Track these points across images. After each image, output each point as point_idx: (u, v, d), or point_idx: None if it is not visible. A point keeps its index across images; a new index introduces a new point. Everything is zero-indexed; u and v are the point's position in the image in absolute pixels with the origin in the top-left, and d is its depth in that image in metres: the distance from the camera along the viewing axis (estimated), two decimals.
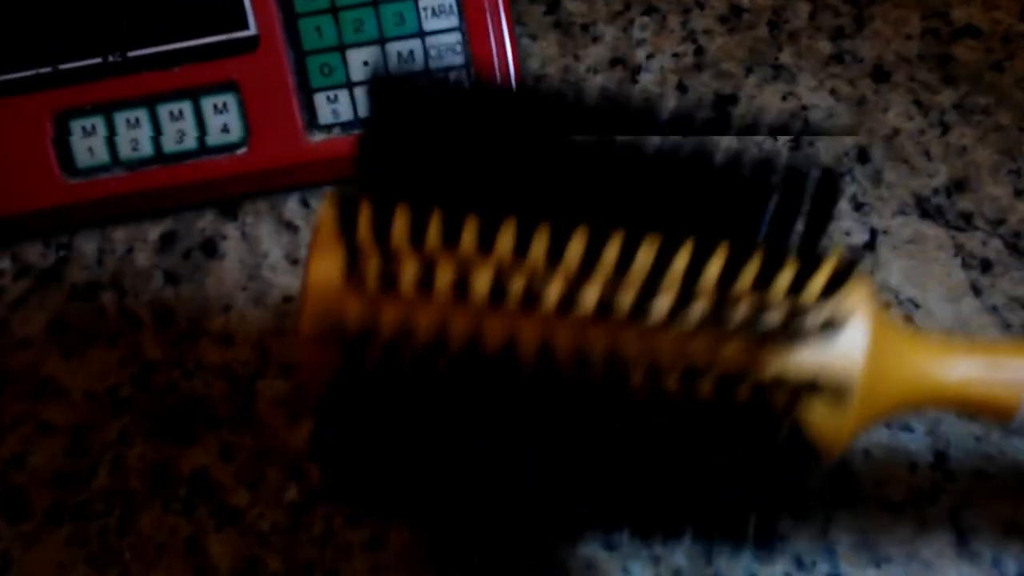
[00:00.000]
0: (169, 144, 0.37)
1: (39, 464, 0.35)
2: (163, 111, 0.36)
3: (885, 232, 0.37)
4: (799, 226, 0.25)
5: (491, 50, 0.37)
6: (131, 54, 0.36)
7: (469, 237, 0.23)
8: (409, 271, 0.23)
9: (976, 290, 0.35)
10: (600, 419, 0.23)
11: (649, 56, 0.41)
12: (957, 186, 0.37)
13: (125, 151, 0.37)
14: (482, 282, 0.23)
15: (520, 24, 0.42)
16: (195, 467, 0.34)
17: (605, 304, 0.23)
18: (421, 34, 0.36)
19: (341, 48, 0.36)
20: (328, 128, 0.37)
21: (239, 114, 0.36)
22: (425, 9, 0.36)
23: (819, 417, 0.24)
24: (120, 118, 0.36)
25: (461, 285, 0.23)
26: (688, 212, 0.24)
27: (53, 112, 0.36)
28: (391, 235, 0.23)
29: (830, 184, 0.24)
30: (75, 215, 0.37)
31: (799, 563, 0.31)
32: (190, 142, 0.37)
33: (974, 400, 0.26)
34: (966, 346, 0.27)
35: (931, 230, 0.37)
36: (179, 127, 0.36)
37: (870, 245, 0.37)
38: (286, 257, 0.38)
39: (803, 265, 0.24)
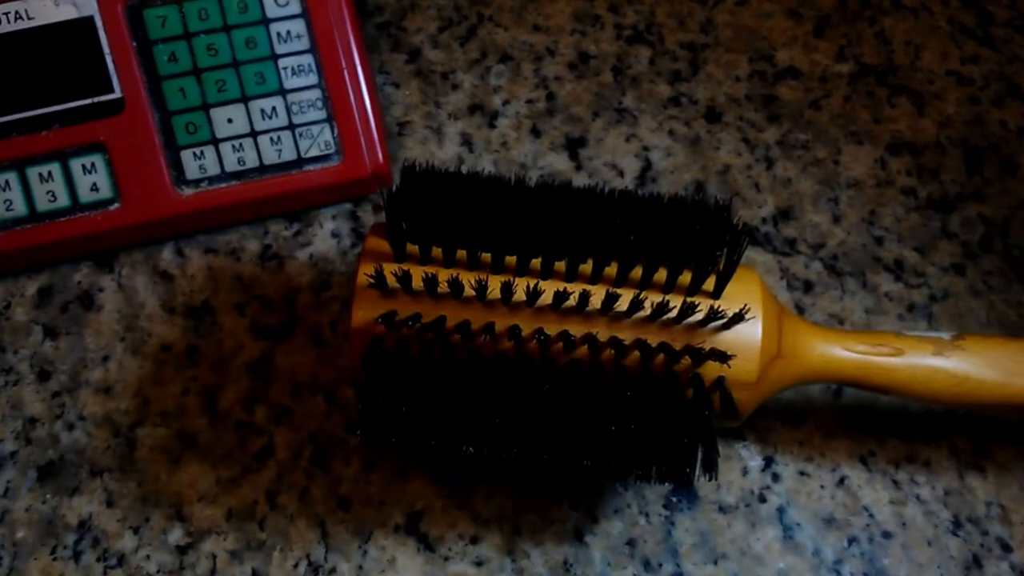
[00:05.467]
0: (42, 204, 0.38)
1: None
2: (32, 174, 0.37)
3: None
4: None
5: (351, 103, 0.39)
6: None
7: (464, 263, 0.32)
8: (418, 279, 0.31)
9: (800, 309, 0.39)
10: (566, 387, 0.30)
11: (505, 102, 0.44)
12: (783, 215, 0.41)
13: None
14: (470, 286, 0.31)
15: (383, 72, 0.44)
16: (81, 515, 0.35)
17: (575, 305, 0.31)
18: (282, 91, 0.39)
19: (205, 107, 0.38)
20: (196, 183, 0.39)
21: (107, 173, 0.38)
22: (285, 69, 0.39)
23: (737, 365, 0.31)
24: None
25: (457, 290, 0.31)
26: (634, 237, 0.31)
27: None
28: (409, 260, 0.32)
29: (723, 208, 0.32)
30: None
31: (647, 565, 0.35)
32: (63, 200, 0.38)
33: (852, 373, 0.32)
34: (846, 333, 0.33)
35: (760, 256, 0.40)
36: (49, 188, 0.38)
37: None
38: (162, 306, 0.39)
39: (703, 268, 0.31)
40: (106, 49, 0.37)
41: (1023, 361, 0.32)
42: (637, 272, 0.31)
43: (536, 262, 0.31)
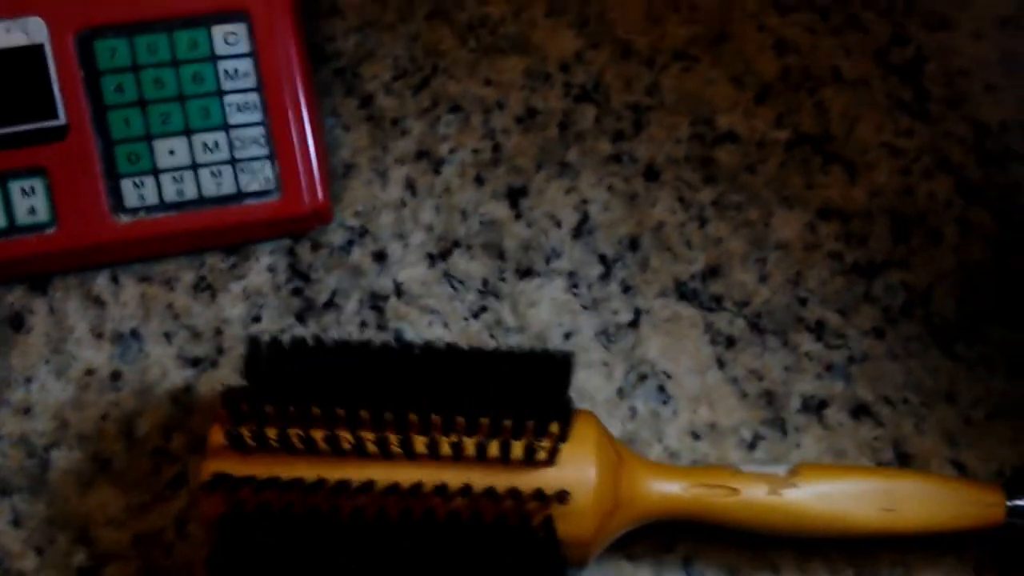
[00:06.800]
0: None
1: None
2: None
3: (647, 312, 0.41)
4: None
5: (293, 141, 0.40)
6: None
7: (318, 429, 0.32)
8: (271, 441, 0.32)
9: (721, 363, 0.40)
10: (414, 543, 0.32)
11: (452, 150, 0.45)
12: (711, 272, 0.42)
13: None
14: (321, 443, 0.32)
15: (334, 115, 0.45)
16: None
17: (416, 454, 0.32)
18: (226, 127, 0.40)
19: (148, 138, 0.39)
20: (134, 211, 0.39)
21: (46, 197, 0.38)
22: (230, 105, 0.40)
23: (571, 531, 0.32)
24: None
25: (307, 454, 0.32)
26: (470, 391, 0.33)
27: None
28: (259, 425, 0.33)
29: (564, 364, 0.34)
30: None
31: None
32: None
33: (689, 511, 0.34)
34: (683, 471, 0.35)
35: (686, 311, 0.41)
36: None
37: (634, 323, 0.41)
38: (92, 331, 0.40)
39: (543, 419, 0.33)
40: (54, 77, 0.38)
41: (855, 495, 0.34)
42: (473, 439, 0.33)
43: (367, 418, 0.33)
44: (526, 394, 0.33)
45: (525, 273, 0.42)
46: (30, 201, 0.38)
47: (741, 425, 0.38)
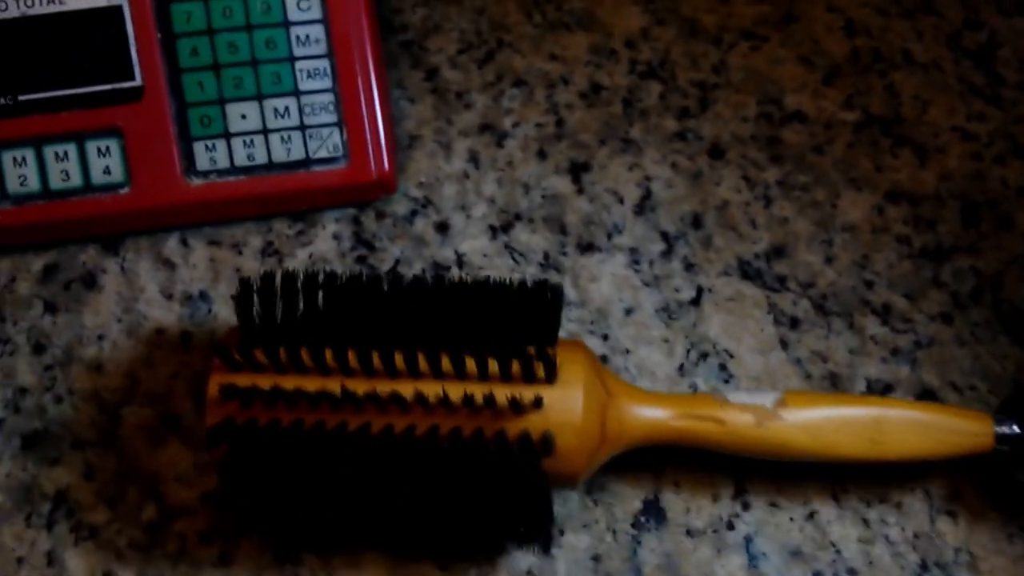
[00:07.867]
0: (55, 182, 0.39)
1: None
2: (49, 152, 0.39)
3: (710, 290, 0.41)
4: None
5: (361, 109, 0.40)
6: (21, 98, 0.39)
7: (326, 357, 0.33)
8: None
9: (784, 344, 0.40)
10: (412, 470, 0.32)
11: (515, 124, 0.45)
12: (776, 252, 0.42)
13: (12, 186, 0.39)
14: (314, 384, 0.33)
15: (400, 88, 0.45)
16: (59, 485, 0.36)
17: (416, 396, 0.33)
18: (296, 93, 0.40)
19: (221, 102, 0.39)
20: (206, 174, 0.40)
21: (121, 158, 0.39)
22: (301, 71, 0.40)
23: (557, 467, 0.33)
24: (7, 156, 0.39)
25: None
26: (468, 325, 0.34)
27: None
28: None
29: (555, 295, 0.34)
30: None
31: None
32: (76, 180, 0.39)
33: (676, 439, 0.34)
34: (671, 399, 0.35)
35: (749, 290, 0.41)
36: (63, 167, 0.39)
37: (695, 301, 0.41)
38: (162, 292, 0.40)
39: (531, 353, 0.33)
40: (131, 38, 0.39)
41: (842, 426, 0.34)
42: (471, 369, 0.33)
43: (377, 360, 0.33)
44: (516, 330, 0.33)
45: (586, 248, 0.42)
46: (105, 161, 0.39)
47: None
